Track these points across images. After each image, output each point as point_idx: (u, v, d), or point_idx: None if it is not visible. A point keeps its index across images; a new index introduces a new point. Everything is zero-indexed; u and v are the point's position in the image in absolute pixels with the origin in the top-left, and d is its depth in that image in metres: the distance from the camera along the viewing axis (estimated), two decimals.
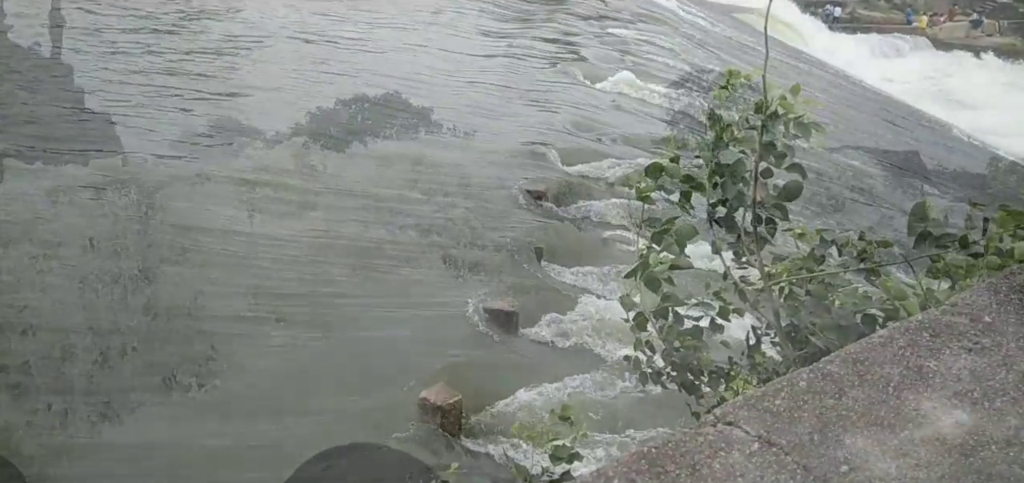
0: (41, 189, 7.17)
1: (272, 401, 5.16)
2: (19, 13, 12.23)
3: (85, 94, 9.66)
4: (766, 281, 2.00)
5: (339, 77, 11.93)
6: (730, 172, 1.99)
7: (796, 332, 2.00)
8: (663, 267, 1.99)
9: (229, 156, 8.63)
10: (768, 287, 1.99)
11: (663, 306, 2.02)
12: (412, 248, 7.17)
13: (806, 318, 1.96)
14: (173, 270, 6.29)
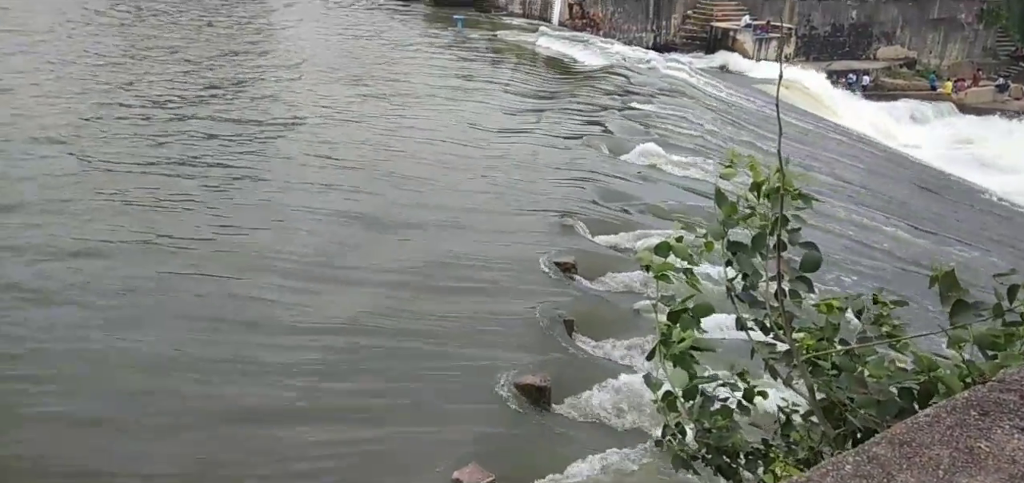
0: None
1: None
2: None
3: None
4: (794, 356, 1.97)
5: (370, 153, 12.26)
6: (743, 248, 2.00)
7: (831, 407, 1.95)
8: (685, 344, 1.98)
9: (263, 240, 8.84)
10: (799, 363, 1.96)
11: (692, 386, 1.99)
12: (442, 323, 7.18)
13: (840, 393, 1.92)
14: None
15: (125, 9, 25.87)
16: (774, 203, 1.98)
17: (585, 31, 28.80)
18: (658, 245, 2.08)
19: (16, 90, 14.08)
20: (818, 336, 2.04)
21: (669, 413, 2.12)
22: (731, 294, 2.03)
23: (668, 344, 2.01)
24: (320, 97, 15.94)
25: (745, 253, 2.01)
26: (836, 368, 1.97)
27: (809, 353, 1.99)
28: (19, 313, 6.68)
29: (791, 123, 19.80)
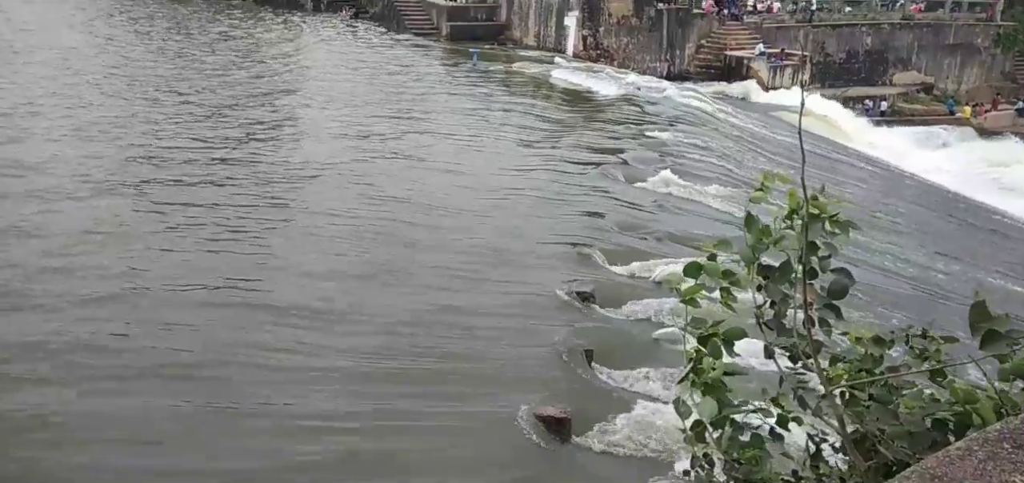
0: None
1: None
2: None
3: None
4: (826, 386, 1.93)
5: (387, 183, 12.36)
6: (774, 275, 1.97)
7: (863, 439, 1.91)
8: (717, 373, 1.94)
9: (279, 265, 8.90)
10: (829, 392, 1.92)
11: (721, 416, 1.95)
12: (460, 353, 7.16)
13: (872, 425, 1.88)
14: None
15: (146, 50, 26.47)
16: (802, 230, 1.95)
17: (599, 62, 28.98)
18: (688, 265, 2.04)
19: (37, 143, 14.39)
20: (856, 366, 2.00)
21: (697, 444, 2.08)
22: (760, 321, 2.01)
23: (699, 371, 1.97)
24: (340, 130, 16.15)
25: (775, 279, 1.98)
26: (872, 399, 1.93)
27: (842, 383, 1.95)
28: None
29: (808, 149, 19.73)
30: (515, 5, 32.77)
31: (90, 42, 26.84)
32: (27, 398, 6.04)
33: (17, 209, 9.99)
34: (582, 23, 29.66)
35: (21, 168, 11.76)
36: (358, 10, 40.98)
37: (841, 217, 1.96)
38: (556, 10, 30.74)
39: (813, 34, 32.73)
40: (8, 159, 12.15)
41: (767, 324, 2.02)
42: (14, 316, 7.31)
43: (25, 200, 10.39)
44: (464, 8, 33.68)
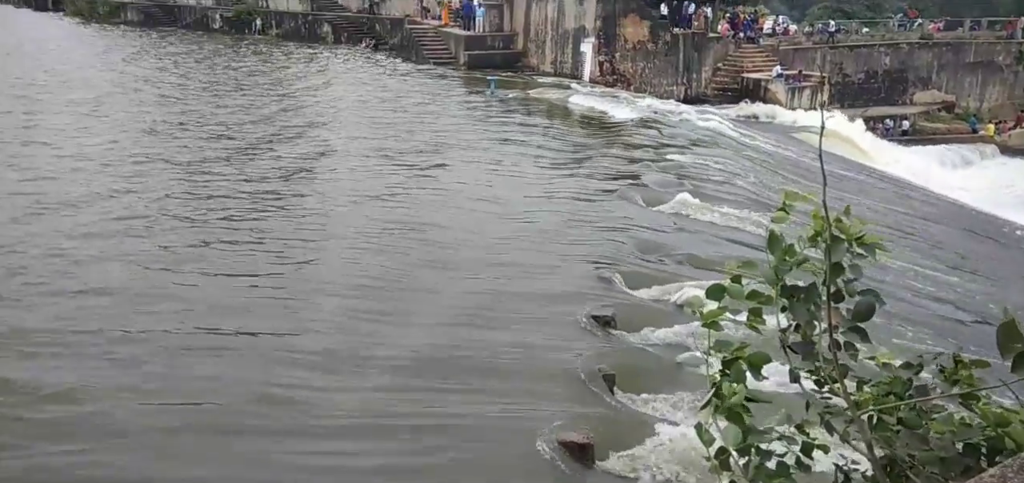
0: None
1: None
2: None
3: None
4: (853, 410, 1.91)
5: (406, 208, 12.45)
6: (799, 296, 1.95)
7: (892, 465, 1.88)
8: (739, 398, 1.92)
9: (298, 291, 8.97)
10: (857, 417, 1.90)
11: (746, 443, 1.92)
12: (479, 379, 7.14)
13: (903, 450, 1.84)
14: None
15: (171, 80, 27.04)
16: (826, 252, 1.94)
17: (616, 87, 29.08)
18: (710, 287, 2.02)
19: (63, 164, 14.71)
20: (884, 390, 1.97)
21: (722, 472, 2.06)
22: (784, 345, 1.99)
23: (722, 397, 1.95)
24: (362, 157, 16.38)
25: (799, 301, 1.96)
26: (901, 424, 1.90)
27: (870, 408, 1.93)
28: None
29: (829, 170, 19.56)
30: (532, 33, 33.06)
31: (123, 78, 27.49)
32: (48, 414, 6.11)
33: (51, 233, 10.19)
34: (598, 49, 29.82)
35: (55, 198, 12.01)
36: (378, 42, 41.58)
37: (867, 238, 1.94)
38: (572, 37, 30.95)
39: (831, 55, 32.63)
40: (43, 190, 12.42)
41: (792, 347, 2.00)
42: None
43: (59, 227, 10.62)
44: (481, 37, 34.02)
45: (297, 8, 48.76)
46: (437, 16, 39.13)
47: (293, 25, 48.03)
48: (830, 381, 2.00)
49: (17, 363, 6.95)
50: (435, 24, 38.03)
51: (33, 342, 7.37)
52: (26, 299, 8.34)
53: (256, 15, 49.19)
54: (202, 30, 51.78)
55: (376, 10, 44.92)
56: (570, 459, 5.82)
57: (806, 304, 1.95)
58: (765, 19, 35.77)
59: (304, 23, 47.54)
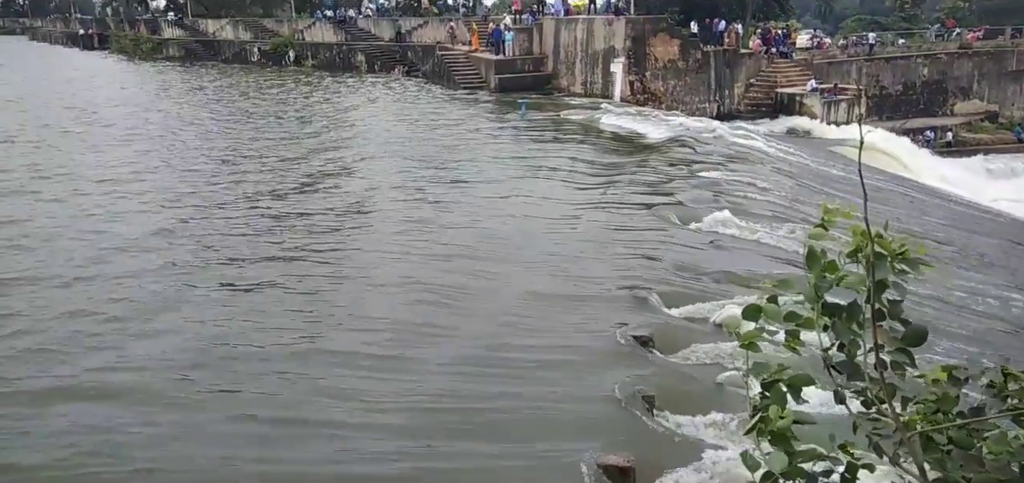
0: None
1: None
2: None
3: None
4: (902, 431, 1.87)
5: (439, 230, 12.57)
6: (842, 315, 1.92)
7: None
8: (785, 422, 1.89)
9: (331, 313, 9.09)
10: (906, 438, 1.86)
11: (792, 467, 1.89)
12: (516, 400, 7.12)
13: (956, 472, 1.80)
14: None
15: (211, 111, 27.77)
16: (868, 269, 1.91)
17: (647, 106, 29.03)
18: (746, 308, 2.00)
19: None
20: (931, 409, 1.93)
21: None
22: (827, 364, 1.96)
23: (766, 420, 1.93)
24: (397, 179, 16.67)
25: (841, 320, 1.94)
26: (951, 444, 1.86)
27: (919, 428, 1.89)
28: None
29: (868, 183, 19.21)
30: (561, 55, 33.23)
31: (167, 110, 28.34)
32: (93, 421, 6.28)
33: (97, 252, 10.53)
34: (628, 69, 29.83)
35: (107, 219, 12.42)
36: (409, 69, 42.24)
37: (909, 254, 1.92)
38: (602, 57, 31.03)
39: (867, 68, 32.15)
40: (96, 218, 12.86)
41: (836, 367, 1.97)
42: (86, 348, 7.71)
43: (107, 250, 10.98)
44: (511, 61, 34.30)
45: (331, 39, 49.84)
46: (467, 42, 39.62)
47: (328, 56, 49.07)
48: (877, 401, 1.96)
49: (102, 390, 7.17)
50: (465, 50, 38.50)
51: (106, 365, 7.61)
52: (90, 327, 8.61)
53: (291, 48, 50.36)
54: (241, 63, 53.16)
55: (407, 38, 45.67)
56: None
57: (849, 322, 1.93)
58: (798, 33, 35.42)
59: (338, 54, 48.52)
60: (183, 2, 72.44)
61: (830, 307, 1.94)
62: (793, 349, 1.99)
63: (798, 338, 1.97)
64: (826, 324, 1.95)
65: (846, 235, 1.96)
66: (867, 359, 1.94)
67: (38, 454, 6.20)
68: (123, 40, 64.81)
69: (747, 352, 2.01)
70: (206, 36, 59.27)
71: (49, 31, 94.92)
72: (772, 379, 1.96)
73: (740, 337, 2.02)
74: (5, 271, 10.52)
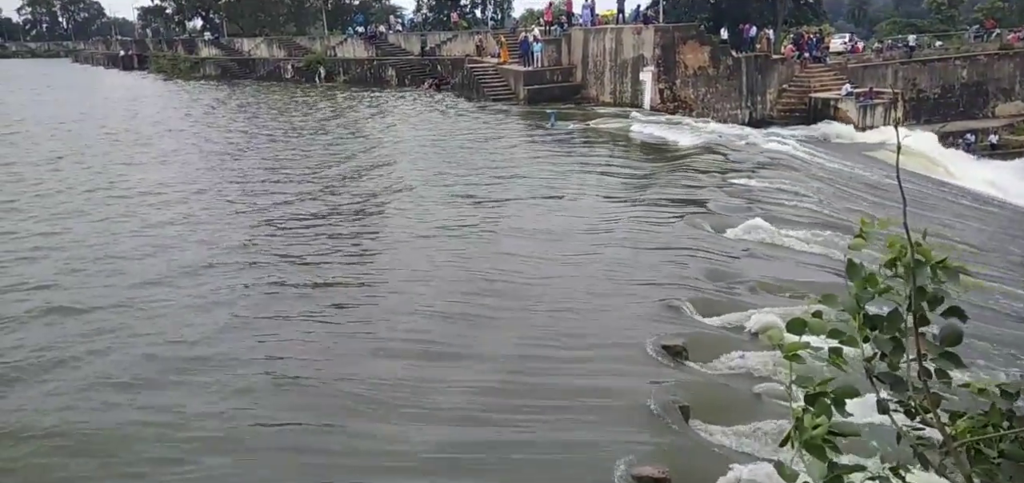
0: None
1: None
2: None
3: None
4: (949, 442, 1.83)
5: (470, 241, 12.62)
6: (883, 325, 1.89)
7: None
8: (821, 430, 1.86)
9: (363, 326, 9.16)
10: (954, 450, 1.81)
11: (833, 478, 1.85)
12: (549, 411, 7.08)
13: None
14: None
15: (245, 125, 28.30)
16: (908, 277, 1.88)
17: (677, 114, 28.84)
18: (791, 321, 1.99)
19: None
20: (980, 421, 1.88)
21: None
22: (870, 375, 1.93)
23: (802, 430, 1.90)
24: (428, 190, 16.83)
25: (883, 330, 1.91)
26: (1003, 456, 1.80)
27: (969, 440, 1.84)
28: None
29: (908, 187, 18.81)
30: (590, 65, 33.21)
31: (211, 127, 29.00)
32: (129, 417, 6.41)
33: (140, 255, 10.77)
34: (658, 77, 29.69)
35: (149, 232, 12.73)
36: (440, 83, 42.61)
37: (949, 262, 1.88)
38: (631, 66, 30.94)
39: (903, 70, 31.52)
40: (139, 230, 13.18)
41: (878, 377, 1.94)
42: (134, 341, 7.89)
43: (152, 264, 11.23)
44: (540, 72, 34.38)
45: (363, 55, 50.52)
46: (495, 54, 39.83)
47: (359, 71, 49.73)
48: (922, 411, 1.92)
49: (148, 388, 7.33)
50: (494, 62, 38.70)
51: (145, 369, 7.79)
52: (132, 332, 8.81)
53: (322, 65, 51.21)
54: (275, 80, 54.20)
55: (436, 53, 46.11)
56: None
57: (890, 332, 1.89)
58: (832, 38, 34.92)
59: (369, 69, 49.16)
60: (219, 22, 74.21)
61: (872, 318, 1.91)
62: (837, 365, 1.97)
63: (841, 354, 1.94)
64: (868, 335, 1.92)
65: (885, 243, 1.93)
66: (910, 368, 1.90)
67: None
68: (161, 60, 66.57)
69: (790, 364, 1.99)
70: (241, 55, 60.54)
71: (91, 53, 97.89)
72: (817, 392, 1.93)
73: (783, 349, 2.00)
74: (66, 296, 10.68)
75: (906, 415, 1.96)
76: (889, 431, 1.97)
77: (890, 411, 1.95)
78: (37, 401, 7.34)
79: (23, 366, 8.11)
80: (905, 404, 1.94)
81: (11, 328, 9.19)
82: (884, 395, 1.94)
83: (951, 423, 1.98)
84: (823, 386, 1.92)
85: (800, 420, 1.91)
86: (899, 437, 1.93)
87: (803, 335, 1.94)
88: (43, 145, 25.08)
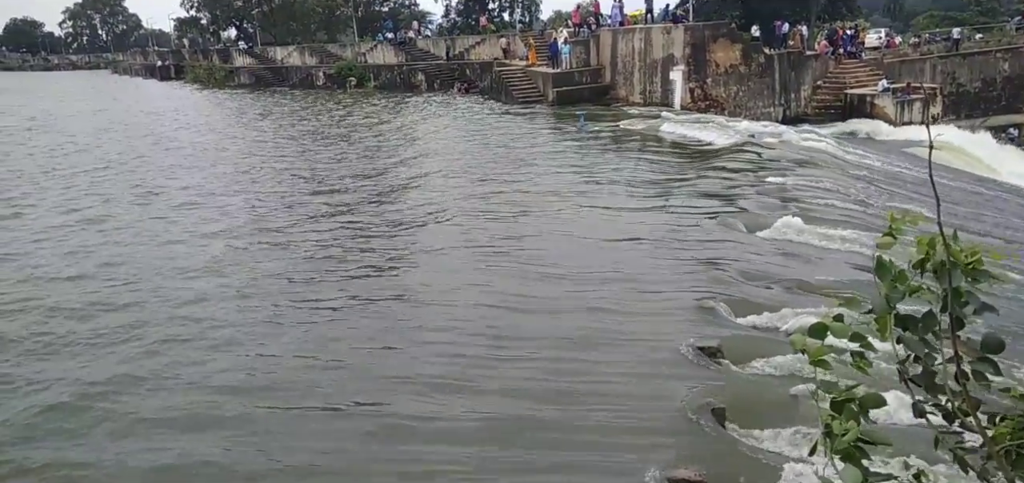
0: None
1: None
2: None
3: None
4: (990, 446, 1.81)
5: (500, 241, 12.68)
6: (915, 326, 1.87)
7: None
8: (850, 436, 1.84)
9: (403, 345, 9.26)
10: (995, 453, 1.79)
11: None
12: (580, 413, 7.07)
13: None
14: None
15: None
16: (941, 278, 1.85)
17: (709, 112, 28.57)
18: (813, 326, 1.97)
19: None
20: (1021, 424, 1.85)
21: None
22: (904, 377, 1.91)
23: (833, 436, 1.89)
24: (459, 192, 17.00)
25: (915, 331, 1.89)
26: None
27: (1010, 443, 1.82)
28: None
29: (945, 184, 18.38)
30: (619, 65, 33.08)
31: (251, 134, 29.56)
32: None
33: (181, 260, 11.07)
34: (688, 76, 29.45)
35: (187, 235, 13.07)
36: (468, 86, 42.83)
37: (982, 262, 1.85)
38: (660, 66, 30.74)
39: (942, 65, 30.78)
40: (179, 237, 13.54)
41: (913, 380, 1.92)
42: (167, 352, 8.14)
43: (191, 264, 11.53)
44: (568, 74, 34.35)
45: (392, 60, 51.00)
46: (523, 57, 39.89)
47: (389, 76, 50.24)
48: (960, 414, 1.90)
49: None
50: (523, 64, 38.76)
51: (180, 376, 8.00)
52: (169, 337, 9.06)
53: (352, 73, 51.87)
54: (307, 88, 55.03)
55: (464, 57, 46.36)
56: None
57: (923, 333, 1.87)
58: (867, 33, 34.25)
59: (399, 74, 49.62)
60: (252, 31, 75.57)
61: (903, 319, 1.89)
62: (861, 369, 1.95)
63: (864, 358, 1.92)
64: (899, 336, 1.90)
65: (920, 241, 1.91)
66: (947, 371, 1.89)
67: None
68: (197, 70, 68.05)
69: (816, 370, 1.98)
70: (274, 63, 61.57)
71: (129, 64, 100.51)
72: (843, 398, 1.92)
73: (810, 354, 1.98)
74: (116, 296, 11.05)
75: (943, 418, 1.94)
76: (912, 434, 1.95)
77: (927, 414, 1.93)
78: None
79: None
80: (942, 407, 1.92)
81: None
82: (918, 397, 1.93)
83: (991, 426, 1.95)
84: (849, 393, 1.90)
85: (829, 427, 1.90)
86: (936, 441, 1.91)
87: (825, 339, 1.91)
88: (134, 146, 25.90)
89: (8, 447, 6.90)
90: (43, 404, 7.70)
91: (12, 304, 10.80)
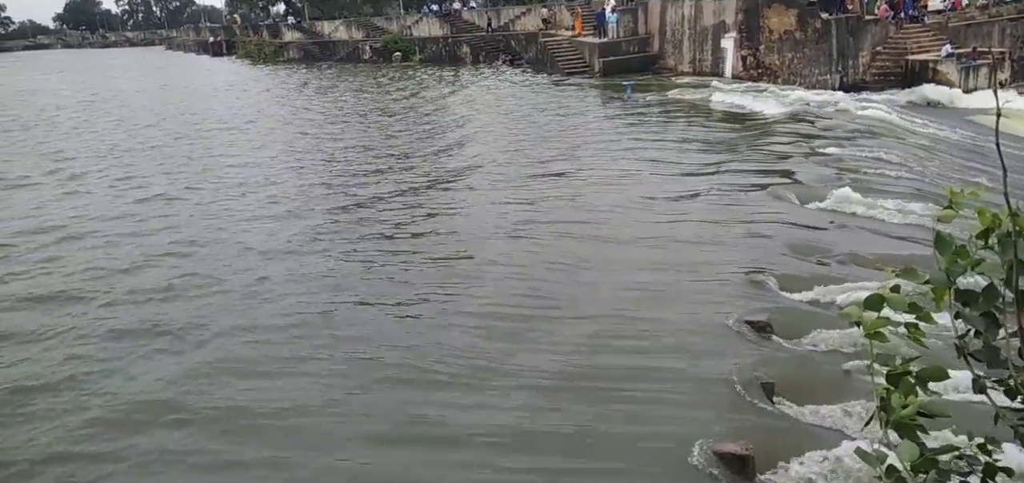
0: None
1: None
2: None
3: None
4: None
5: (548, 215, 12.67)
6: (976, 301, 1.80)
7: None
8: (910, 410, 1.79)
9: (449, 318, 9.37)
10: None
11: (923, 459, 1.79)
12: (627, 387, 7.07)
13: None
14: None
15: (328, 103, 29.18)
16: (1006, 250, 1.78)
17: (761, 81, 27.82)
18: (869, 297, 1.92)
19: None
20: None
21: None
22: (963, 353, 1.85)
23: (889, 410, 1.84)
24: (506, 164, 17.07)
25: (976, 306, 1.82)
26: None
27: None
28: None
29: (1013, 152, 17.55)
30: (667, 34, 32.41)
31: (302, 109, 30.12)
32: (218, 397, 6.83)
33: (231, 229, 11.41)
34: (740, 43, 28.68)
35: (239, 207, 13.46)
36: (514, 57, 42.61)
37: None
38: (711, 33, 30.00)
39: (1011, 28, 29.20)
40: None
41: (973, 355, 1.86)
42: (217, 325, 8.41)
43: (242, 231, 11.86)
44: (615, 43, 33.84)
45: (437, 33, 51.05)
46: (569, 27, 39.42)
47: (435, 49, 50.35)
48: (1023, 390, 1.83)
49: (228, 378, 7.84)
50: (569, 35, 38.34)
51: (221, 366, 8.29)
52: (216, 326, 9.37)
53: (398, 47, 52.17)
54: (354, 61, 55.58)
55: (509, 28, 46.06)
56: (727, 471, 5.62)
57: (985, 307, 1.81)
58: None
59: (445, 47, 49.69)
60: (301, 6, 76.47)
61: (963, 293, 1.83)
62: (917, 342, 1.89)
63: (920, 330, 1.87)
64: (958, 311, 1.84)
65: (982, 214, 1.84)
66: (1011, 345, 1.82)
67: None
68: (248, 45, 69.35)
69: (870, 342, 1.93)
70: (322, 37, 62.31)
71: (182, 40, 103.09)
72: (899, 371, 1.86)
73: (864, 326, 1.93)
74: (174, 274, 11.40)
75: (1005, 395, 1.88)
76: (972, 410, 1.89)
77: (987, 390, 1.87)
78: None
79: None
80: (1004, 383, 1.86)
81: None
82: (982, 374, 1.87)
83: None
84: (906, 366, 1.85)
85: (885, 400, 1.85)
86: (996, 418, 1.86)
87: (882, 311, 1.86)
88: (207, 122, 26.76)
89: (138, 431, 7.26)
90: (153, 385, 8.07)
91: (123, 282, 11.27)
